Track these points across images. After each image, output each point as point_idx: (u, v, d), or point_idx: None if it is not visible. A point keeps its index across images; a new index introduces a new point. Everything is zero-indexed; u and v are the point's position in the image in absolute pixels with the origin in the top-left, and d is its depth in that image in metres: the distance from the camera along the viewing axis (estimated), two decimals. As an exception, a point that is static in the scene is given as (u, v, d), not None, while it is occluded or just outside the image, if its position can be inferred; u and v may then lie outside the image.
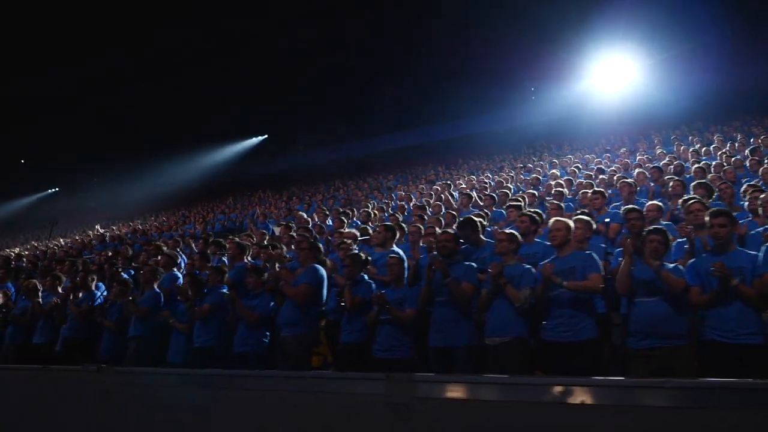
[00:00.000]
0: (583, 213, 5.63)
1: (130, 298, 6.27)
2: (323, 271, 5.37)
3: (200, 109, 29.68)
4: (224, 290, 5.80)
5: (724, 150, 10.96)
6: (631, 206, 5.12)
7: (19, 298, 8.36)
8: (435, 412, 3.39)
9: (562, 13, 21.88)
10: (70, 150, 31.59)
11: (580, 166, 12.89)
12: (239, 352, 5.42)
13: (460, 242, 5.04)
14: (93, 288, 6.90)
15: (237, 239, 8.18)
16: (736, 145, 11.98)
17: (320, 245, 5.77)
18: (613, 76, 22.29)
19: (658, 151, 13.04)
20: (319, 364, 6.07)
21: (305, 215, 11.79)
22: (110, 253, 9.94)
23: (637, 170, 9.62)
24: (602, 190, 6.89)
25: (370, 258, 5.48)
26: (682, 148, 12.58)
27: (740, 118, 16.60)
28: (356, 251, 5.77)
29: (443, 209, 9.10)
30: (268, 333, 5.55)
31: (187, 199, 28.05)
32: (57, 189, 36.32)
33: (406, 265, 5.28)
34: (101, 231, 19.88)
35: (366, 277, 5.29)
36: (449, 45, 25.39)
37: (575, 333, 4.15)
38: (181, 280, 6.91)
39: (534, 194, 9.28)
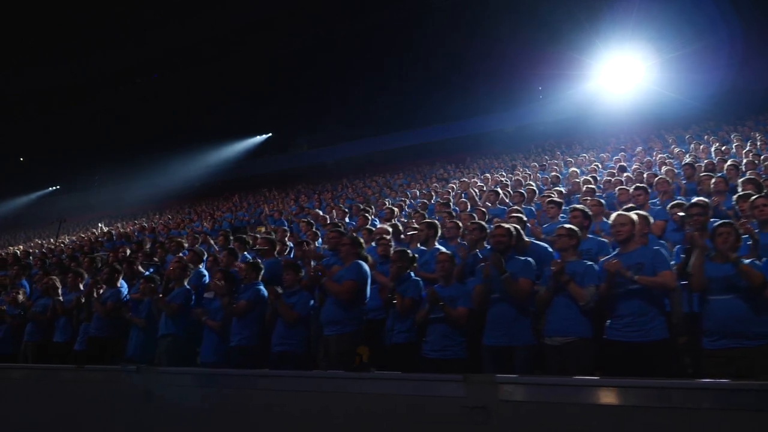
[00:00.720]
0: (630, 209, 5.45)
1: (160, 295, 6.04)
2: (367, 268, 5.15)
3: (202, 107, 29.45)
4: (260, 287, 5.58)
5: (747, 148, 10.81)
6: (693, 201, 4.92)
7: (34, 295, 8.13)
8: (518, 416, 3.20)
9: (571, 11, 21.75)
10: (71, 147, 31.28)
11: (600, 165, 12.72)
12: (278, 352, 5.19)
13: (513, 237, 4.83)
14: (118, 285, 6.66)
15: (267, 235, 7.95)
16: (758, 144, 11.84)
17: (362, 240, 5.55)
18: (622, 76, 22.09)
19: (676, 150, 12.89)
20: (356, 363, 5.85)
21: (320, 212, 11.61)
22: (128, 250, 9.68)
23: (664, 168, 9.45)
24: (645, 186, 6.70)
25: (416, 256, 5.28)
26: (701, 146, 12.42)
27: (753, 118, 16.45)
28: (399, 248, 5.56)
29: (469, 206, 8.93)
30: (307, 332, 5.34)
31: (189, 198, 27.77)
32: (57, 187, 35.93)
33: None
34: (105, 229, 19.59)
35: (413, 274, 5.08)
36: (455, 43, 25.24)
37: (646, 333, 3.93)
38: (207, 278, 6.70)
39: (561, 191, 9.12)
